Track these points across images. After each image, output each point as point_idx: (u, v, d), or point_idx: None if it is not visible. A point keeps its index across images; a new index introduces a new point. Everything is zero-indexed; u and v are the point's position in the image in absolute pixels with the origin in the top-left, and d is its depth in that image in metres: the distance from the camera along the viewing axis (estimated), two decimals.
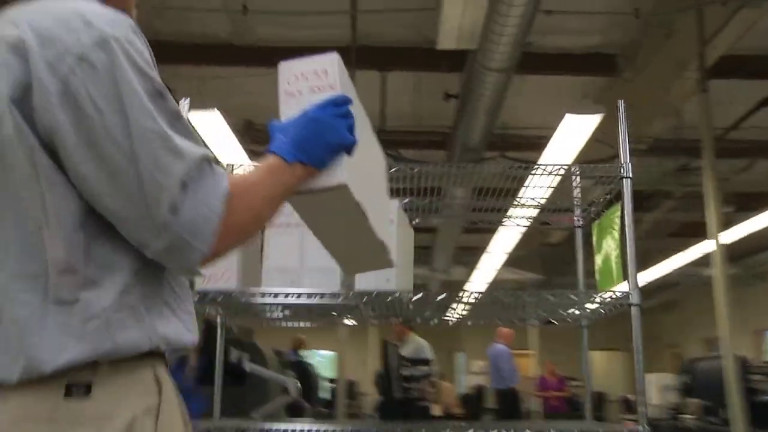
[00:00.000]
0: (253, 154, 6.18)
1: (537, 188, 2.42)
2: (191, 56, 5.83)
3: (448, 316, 2.37)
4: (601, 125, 5.41)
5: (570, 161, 5.97)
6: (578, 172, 2.44)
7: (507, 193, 2.38)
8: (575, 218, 2.58)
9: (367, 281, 2.09)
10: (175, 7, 5.30)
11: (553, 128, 5.58)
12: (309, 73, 1.21)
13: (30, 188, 0.88)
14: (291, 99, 1.18)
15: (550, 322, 2.43)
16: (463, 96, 5.61)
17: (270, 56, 5.62)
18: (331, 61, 1.21)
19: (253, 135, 6.56)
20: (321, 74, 1.20)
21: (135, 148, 0.86)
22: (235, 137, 5.98)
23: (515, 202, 2.46)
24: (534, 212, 2.54)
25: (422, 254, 10.21)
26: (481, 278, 11.76)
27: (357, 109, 1.22)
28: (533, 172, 2.31)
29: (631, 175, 2.20)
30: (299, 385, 2.81)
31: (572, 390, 10.63)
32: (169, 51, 5.62)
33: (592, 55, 5.87)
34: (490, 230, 8.79)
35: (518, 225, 2.58)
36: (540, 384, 10.77)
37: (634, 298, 2.08)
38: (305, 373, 5.91)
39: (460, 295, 2.13)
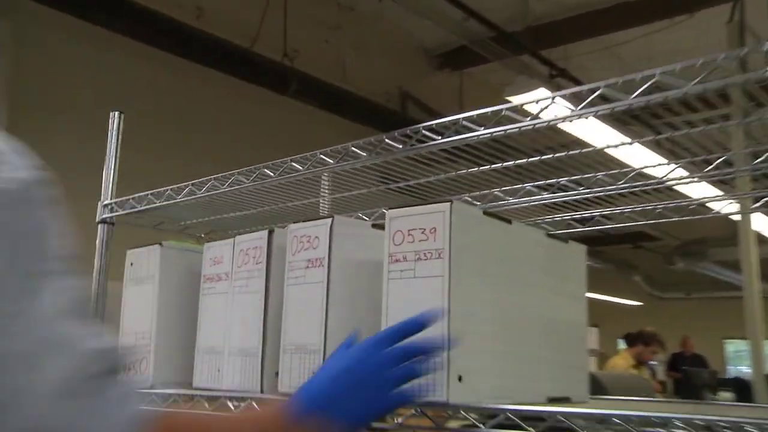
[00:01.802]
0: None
1: None
2: (582, 30, 5.39)
3: None
4: None
5: None
6: None
7: None
8: None
9: None
10: None
11: None
12: (416, 231, 0.90)
13: None
14: (395, 267, 0.90)
15: None
16: None
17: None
18: (442, 215, 0.88)
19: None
20: (429, 234, 0.88)
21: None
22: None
23: None
24: None
25: None
26: None
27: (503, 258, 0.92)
28: None
29: None
30: None
31: None
32: (554, 31, 5.32)
33: None
34: None
35: None
36: None
37: None
38: None
39: None
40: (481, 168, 1.10)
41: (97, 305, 1.40)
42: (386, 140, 1.01)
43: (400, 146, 1.02)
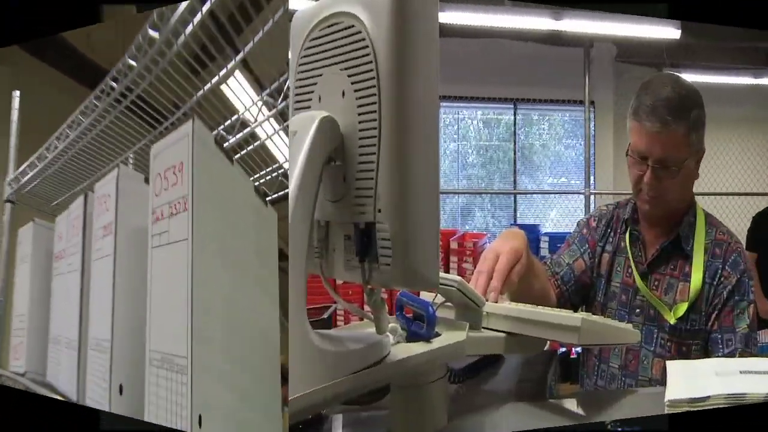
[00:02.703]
0: None
1: None
2: None
3: None
4: None
5: None
6: None
7: None
8: None
9: None
10: None
11: None
12: (169, 172, 0.64)
13: None
14: (158, 229, 0.65)
15: None
16: None
17: None
18: (186, 142, 0.61)
19: None
20: (177, 173, 0.62)
21: None
22: None
23: None
24: None
25: None
26: None
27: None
28: None
29: None
30: None
31: None
32: None
33: None
34: None
35: None
36: None
37: None
38: None
39: None
40: None
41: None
42: None
43: None
